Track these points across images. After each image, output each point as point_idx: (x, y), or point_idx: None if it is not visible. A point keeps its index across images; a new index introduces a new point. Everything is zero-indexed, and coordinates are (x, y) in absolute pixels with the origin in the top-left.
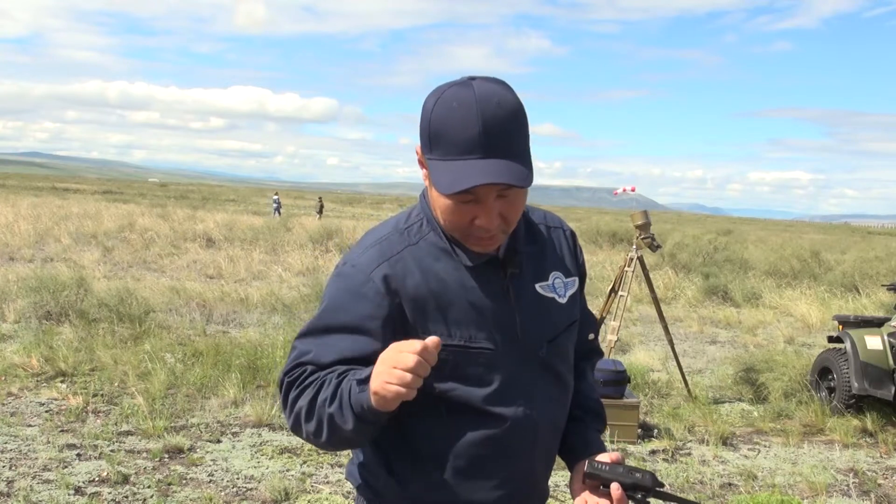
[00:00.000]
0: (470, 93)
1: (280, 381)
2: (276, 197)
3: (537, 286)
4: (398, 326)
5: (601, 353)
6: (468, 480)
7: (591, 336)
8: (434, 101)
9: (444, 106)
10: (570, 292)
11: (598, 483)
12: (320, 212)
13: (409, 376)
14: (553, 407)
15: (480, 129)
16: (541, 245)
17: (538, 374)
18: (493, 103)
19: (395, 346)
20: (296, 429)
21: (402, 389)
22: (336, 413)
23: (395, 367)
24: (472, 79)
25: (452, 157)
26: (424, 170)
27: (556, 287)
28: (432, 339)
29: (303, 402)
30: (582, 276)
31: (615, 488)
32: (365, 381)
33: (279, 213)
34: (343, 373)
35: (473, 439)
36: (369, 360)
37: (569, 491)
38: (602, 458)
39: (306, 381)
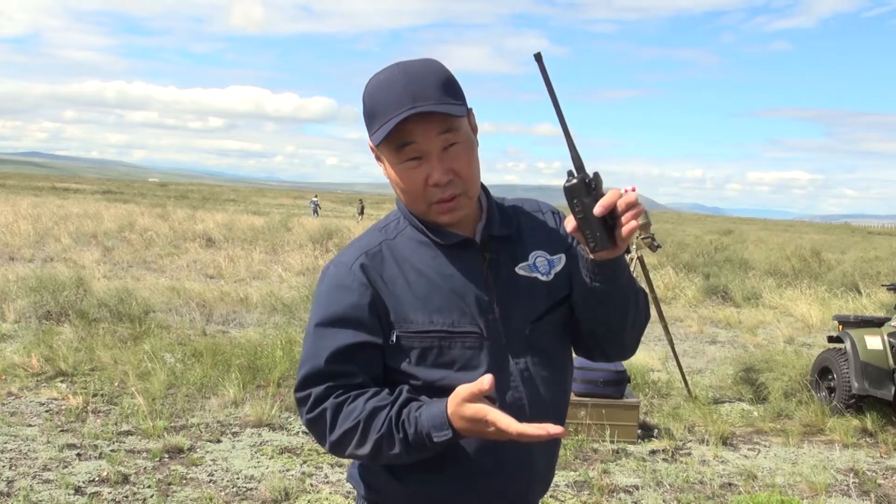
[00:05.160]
0: (394, 66)
1: (295, 399)
2: (315, 199)
3: (517, 268)
4: (381, 315)
5: None
6: (464, 470)
7: None
8: (366, 87)
9: (372, 83)
10: (556, 269)
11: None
12: (361, 213)
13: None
14: (544, 388)
15: (405, 83)
16: (517, 228)
17: (525, 356)
18: (416, 64)
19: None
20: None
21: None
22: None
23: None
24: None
25: (387, 119)
26: (381, 164)
27: (539, 266)
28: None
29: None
30: (569, 249)
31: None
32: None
33: (317, 213)
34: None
35: None
36: (360, 350)
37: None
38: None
39: (329, 417)
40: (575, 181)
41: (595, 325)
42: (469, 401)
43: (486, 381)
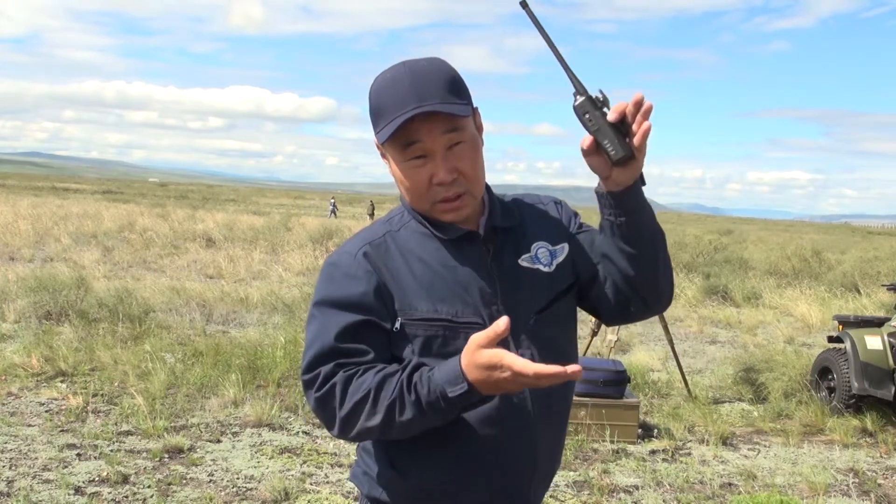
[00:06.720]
0: (400, 65)
1: (303, 383)
2: (332, 200)
3: (520, 260)
4: (387, 301)
5: None
6: (467, 466)
7: None
8: (372, 85)
9: (379, 81)
10: (558, 260)
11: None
12: (372, 214)
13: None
14: None
15: (411, 81)
16: (518, 220)
17: (529, 348)
18: (422, 63)
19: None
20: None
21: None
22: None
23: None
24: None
25: (393, 117)
26: (386, 161)
27: (541, 257)
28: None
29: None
30: (572, 237)
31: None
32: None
33: (335, 214)
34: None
35: (468, 419)
36: (368, 329)
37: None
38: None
39: (337, 391)
40: (582, 98)
41: (628, 272)
42: (484, 346)
43: (501, 323)
